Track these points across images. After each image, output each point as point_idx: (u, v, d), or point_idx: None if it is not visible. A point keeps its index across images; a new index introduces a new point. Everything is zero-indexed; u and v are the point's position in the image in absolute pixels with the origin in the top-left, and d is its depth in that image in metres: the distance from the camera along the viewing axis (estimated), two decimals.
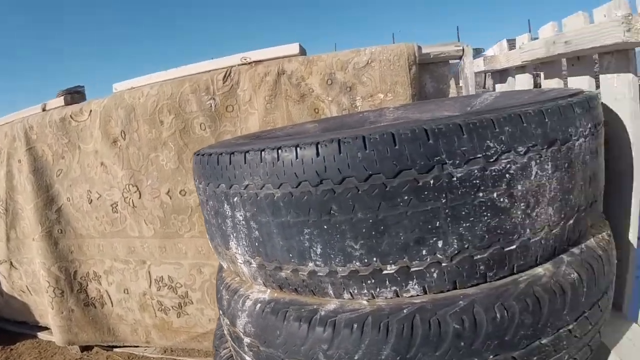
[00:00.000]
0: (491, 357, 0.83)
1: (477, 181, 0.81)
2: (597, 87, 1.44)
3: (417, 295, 0.88)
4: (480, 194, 0.82)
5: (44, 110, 2.24)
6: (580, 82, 1.51)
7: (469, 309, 0.84)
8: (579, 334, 0.93)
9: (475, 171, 0.81)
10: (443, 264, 0.85)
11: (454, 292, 0.87)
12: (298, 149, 0.87)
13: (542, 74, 1.79)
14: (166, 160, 1.87)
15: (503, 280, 0.89)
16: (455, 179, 0.80)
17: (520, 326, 0.84)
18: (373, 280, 0.88)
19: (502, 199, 0.83)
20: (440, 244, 0.83)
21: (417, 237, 0.83)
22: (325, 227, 0.87)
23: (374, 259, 0.86)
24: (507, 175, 0.83)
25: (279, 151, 0.89)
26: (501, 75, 2.36)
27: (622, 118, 1.32)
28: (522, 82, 2.03)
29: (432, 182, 0.80)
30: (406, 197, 0.81)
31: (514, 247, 0.87)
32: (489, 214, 0.83)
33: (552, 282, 0.89)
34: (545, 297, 0.87)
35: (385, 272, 0.86)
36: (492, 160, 0.81)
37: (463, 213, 0.82)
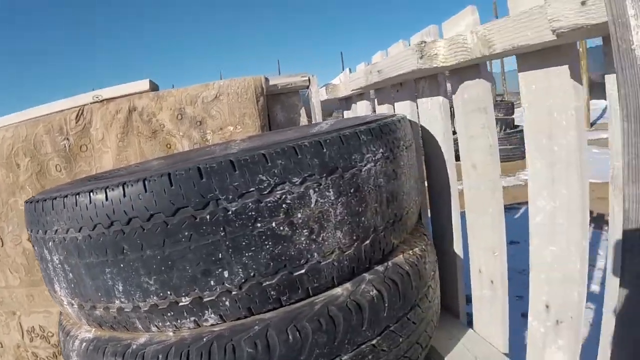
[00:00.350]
0: None
1: (253, 213, 0.95)
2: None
3: (217, 323, 1.01)
4: (259, 225, 0.96)
5: None
6: (404, 107, 1.71)
7: (262, 333, 0.98)
8: (386, 347, 1.09)
9: (250, 204, 0.95)
10: (233, 293, 0.98)
11: (252, 318, 1.01)
12: (92, 193, 1.00)
13: (376, 100, 2.01)
14: None
15: (300, 303, 1.03)
16: (230, 212, 0.94)
17: (314, 345, 0.98)
18: (172, 313, 1.00)
19: (282, 228, 0.98)
20: (226, 274, 0.97)
21: (203, 270, 0.97)
22: (121, 265, 1.00)
23: (169, 292, 0.99)
24: (284, 206, 0.97)
25: (77, 197, 1.03)
26: (347, 102, 2.61)
27: (437, 138, 1.51)
28: (362, 108, 2.25)
29: (208, 217, 0.94)
30: (187, 233, 0.95)
31: (303, 271, 1.01)
32: (270, 243, 0.97)
33: (349, 301, 1.04)
34: (340, 316, 1.02)
35: (181, 304, 0.99)
36: (265, 192, 0.96)
37: (244, 244, 0.96)
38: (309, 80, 1.95)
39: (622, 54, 0.75)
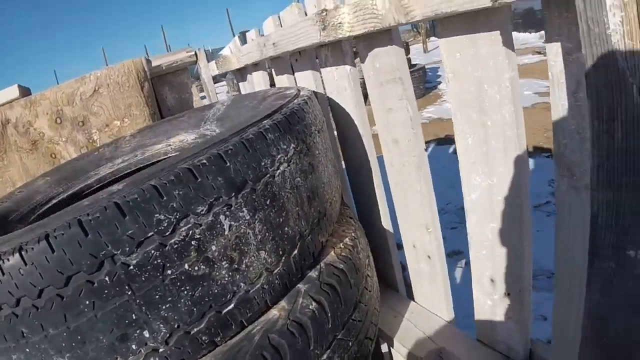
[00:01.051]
0: None
1: (159, 260, 0.85)
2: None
3: None
4: (169, 272, 0.86)
5: None
6: (306, 77, 1.60)
7: None
8: (338, 356, 1.04)
9: (152, 251, 0.84)
10: (160, 350, 0.89)
11: None
12: None
13: (273, 70, 1.88)
14: None
15: (237, 337, 0.95)
16: (132, 267, 0.84)
17: None
18: None
19: (197, 267, 0.89)
20: (146, 333, 0.88)
21: (119, 336, 0.87)
22: (27, 350, 0.88)
23: None
24: (193, 242, 0.88)
25: None
26: (241, 73, 2.47)
27: (348, 110, 1.43)
28: (258, 80, 2.12)
29: (107, 279, 0.83)
30: (88, 302, 0.84)
31: (232, 306, 0.93)
32: (188, 287, 0.88)
33: (289, 323, 0.98)
34: (284, 343, 0.95)
35: None
36: (168, 233, 0.85)
37: (157, 297, 0.86)
38: (196, 55, 1.80)
39: (594, 38, 0.65)
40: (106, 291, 0.84)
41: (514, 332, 1.22)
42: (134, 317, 0.87)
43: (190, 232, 0.88)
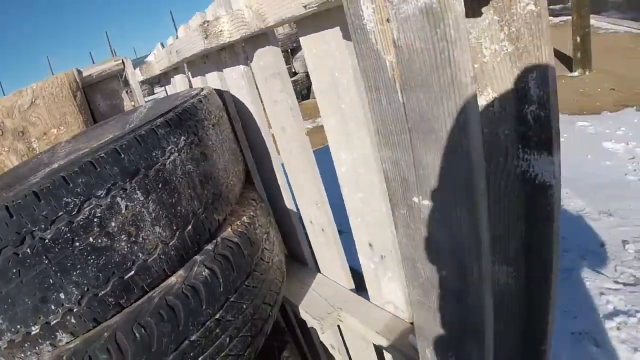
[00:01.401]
0: None
1: (69, 235, 1.11)
2: None
3: (72, 340, 1.19)
4: (77, 244, 1.13)
5: None
6: (213, 78, 1.91)
7: (111, 338, 1.16)
8: (231, 317, 1.30)
9: (63, 227, 1.11)
10: (75, 310, 1.15)
11: (100, 327, 1.19)
12: None
13: (189, 73, 2.20)
14: None
15: (140, 300, 1.22)
16: (47, 240, 1.10)
17: (161, 336, 1.19)
18: (29, 343, 1.16)
19: (100, 240, 1.15)
20: (62, 295, 1.13)
21: (41, 298, 1.13)
22: None
23: (19, 326, 1.13)
24: (95, 220, 1.15)
25: None
26: (165, 76, 2.77)
27: (247, 106, 1.73)
28: (180, 82, 2.45)
29: (29, 250, 1.09)
30: (15, 270, 1.10)
31: (132, 272, 1.19)
32: (94, 256, 1.14)
33: (184, 287, 1.24)
34: (178, 303, 1.22)
35: (33, 333, 1.15)
36: (74, 213, 1.12)
37: (69, 265, 1.12)
38: (123, 63, 2.10)
39: (356, 29, 0.81)
40: (28, 260, 1.10)
41: (396, 291, 1.47)
42: (52, 282, 1.13)
43: (93, 211, 1.15)
